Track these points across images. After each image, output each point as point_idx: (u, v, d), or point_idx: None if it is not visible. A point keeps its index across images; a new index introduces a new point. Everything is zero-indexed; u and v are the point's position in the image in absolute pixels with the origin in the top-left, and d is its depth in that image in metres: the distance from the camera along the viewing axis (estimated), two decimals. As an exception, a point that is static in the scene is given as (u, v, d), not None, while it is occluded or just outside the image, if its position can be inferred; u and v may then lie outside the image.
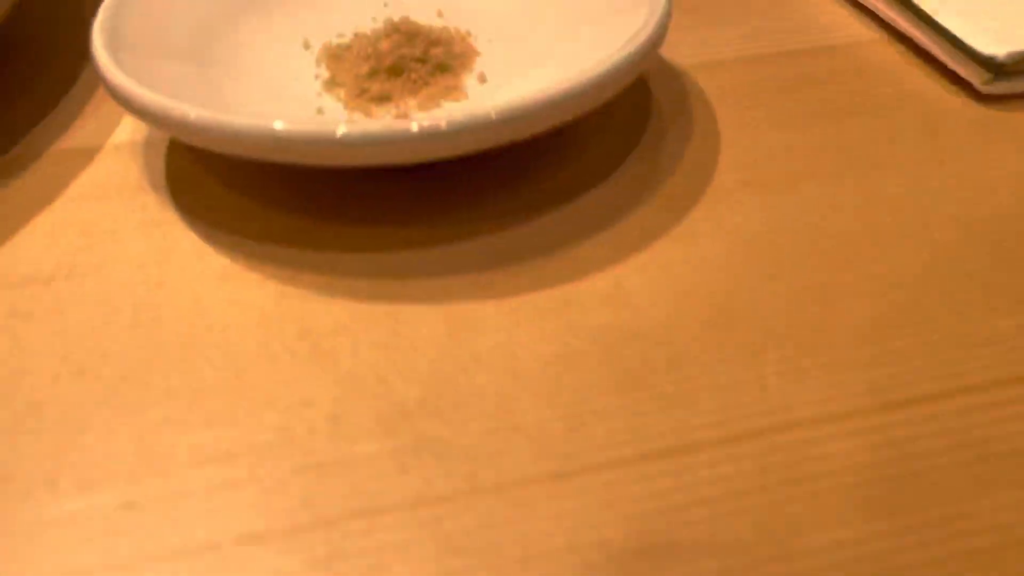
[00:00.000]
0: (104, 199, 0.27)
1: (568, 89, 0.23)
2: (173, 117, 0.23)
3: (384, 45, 0.29)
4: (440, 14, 0.32)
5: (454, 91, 0.28)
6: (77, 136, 0.30)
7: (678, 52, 0.32)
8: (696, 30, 0.34)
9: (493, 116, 0.22)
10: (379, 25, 0.31)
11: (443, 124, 0.22)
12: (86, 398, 0.21)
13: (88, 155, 0.29)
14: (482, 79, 0.29)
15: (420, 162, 0.23)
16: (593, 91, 0.23)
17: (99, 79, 0.25)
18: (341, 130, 0.22)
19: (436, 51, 0.29)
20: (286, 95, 0.28)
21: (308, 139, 0.22)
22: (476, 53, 0.30)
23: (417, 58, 0.28)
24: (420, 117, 0.22)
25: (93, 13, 0.35)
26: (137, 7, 0.28)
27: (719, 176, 0.27)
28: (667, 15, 0.26)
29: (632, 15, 0.26)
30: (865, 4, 0.34)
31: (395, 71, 0.28)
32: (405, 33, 0.29)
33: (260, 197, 0.27)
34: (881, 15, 0.33)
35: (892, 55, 0.32)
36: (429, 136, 0.22)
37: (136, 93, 0.24)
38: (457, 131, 0.22)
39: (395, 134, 0.22)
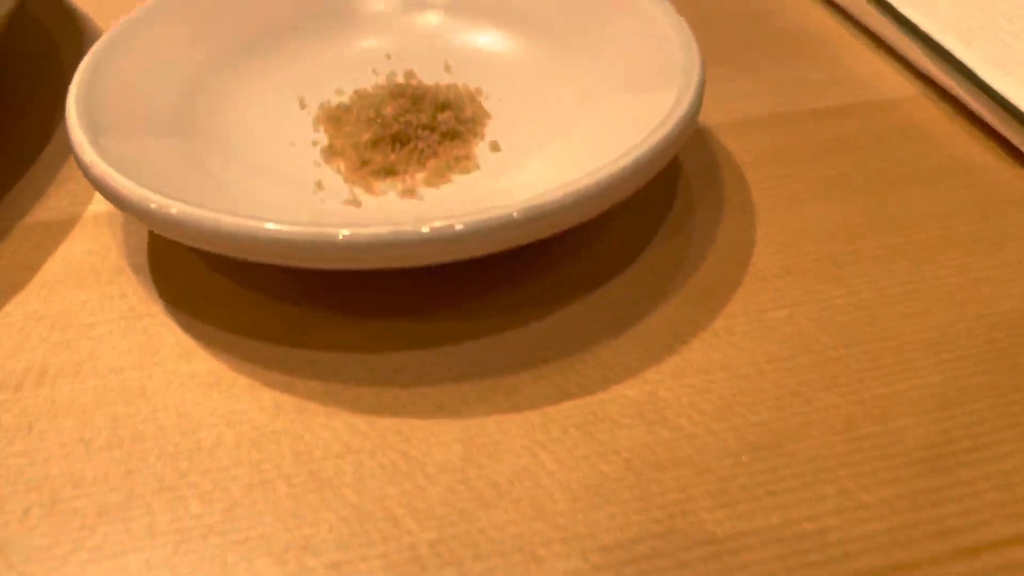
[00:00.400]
0: (80, 285, 0.24)
1: (598, 183, 0.20)
2: (152, 212, 0.20)
3: (388, 109, 0.26)
4: (448, 68, 0.29)
5: (464, 161, 0.26)
6: (50, 206, 0.27)
7: (705, 109, 0.30)
8: (724, 84, 0.31)
9: (515, 215, 0.20)
10: (381, 79, 0.29)
11: (458, 226, 0.20)
12: (59, 538, 0.19)
13: (63, 229, 0.26)
14: (495, 147, 0.26)
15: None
16: (626, 183, 0.21)
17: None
18: (342, 233, 0.19)
19: (444, 116, 0.26)
20: (281, 166, 0.26)
21: (305, 243, 0.20)
22: (487, 116, 0.27)
23: (424, 125, 0.26)
24: (431, 218, 0.20)
25: (70, 67, 0.32)
26: (114, 69, 0.25)
27: (756, 260, 0.24)
28: (702, 86, 0.23)
29: (664, 90, 0.24)
30: (904, 55, 0.31)
31: (400, 139, 0.26)
32: (411, 96, 0.26)
33: (251, 283, 0.24)
34: (921, 68, 0.31)
35: (935, 113, 0.30)
36: (442, 240, 0.20)
37: (111, 181, 0.21)
38: (473, 233, 0.20)
39: (403, 237, 0.19)
